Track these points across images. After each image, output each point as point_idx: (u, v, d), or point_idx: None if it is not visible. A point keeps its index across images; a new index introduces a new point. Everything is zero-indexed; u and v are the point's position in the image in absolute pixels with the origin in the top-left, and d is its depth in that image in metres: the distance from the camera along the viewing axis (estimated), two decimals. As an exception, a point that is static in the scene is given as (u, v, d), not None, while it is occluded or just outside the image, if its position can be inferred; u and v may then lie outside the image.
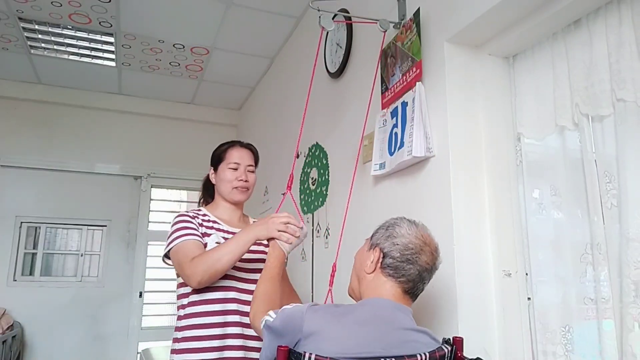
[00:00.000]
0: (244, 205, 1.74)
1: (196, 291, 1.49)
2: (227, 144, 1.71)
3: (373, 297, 1.13)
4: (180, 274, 1.48)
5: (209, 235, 1.54)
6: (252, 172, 1.68)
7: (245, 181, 1.63)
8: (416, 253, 1.12)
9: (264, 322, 1.11)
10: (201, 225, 1.55)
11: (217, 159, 1.68)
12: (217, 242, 1.50)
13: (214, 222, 1.61)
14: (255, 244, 1.42)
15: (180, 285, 1.55)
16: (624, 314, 1.18)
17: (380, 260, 1.14)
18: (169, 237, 1.51)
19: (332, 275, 1.65)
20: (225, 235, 1.56)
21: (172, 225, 1.54)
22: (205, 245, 1.50)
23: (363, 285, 1.18)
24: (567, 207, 1.39)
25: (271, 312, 1.12)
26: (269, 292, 1.23)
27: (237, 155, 1.65)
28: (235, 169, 1.63)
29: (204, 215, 1.61)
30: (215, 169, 1.67)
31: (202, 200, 1.76)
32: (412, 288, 1.13)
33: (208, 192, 1.73)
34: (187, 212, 1.60)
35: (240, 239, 1.38)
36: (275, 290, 1.24)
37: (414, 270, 1.12)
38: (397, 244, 1.13)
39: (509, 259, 1.51)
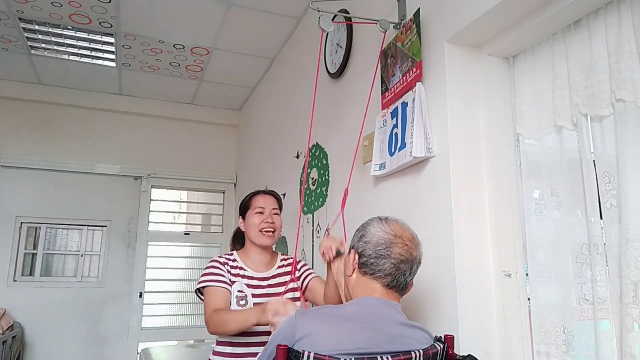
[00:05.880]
0: (272, 248, 1.86)
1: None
2: (251, 193, 1.85)
3: (361, 297, 1.17)
4: (204, 314, 1.65)
5: (232, 283, 1.70)
6: (277, 214, 1.80)
7: (272, 223, 1.75)
8: (387, 247, 1.15)
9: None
10: (229, 272, 1.71)
11: (244, 208, 1.82)
12: (238, 290, 1.68)
13: (241, 268, 1.75)
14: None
15: None
16: (623, 314, 1.18)
17: (357, 260, 1.19)
18: (202, 275, 1.70)
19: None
20: (249, 281, 1.72)
21: (206, 267, 1.72)
22: (230, 292, 1.68)
23: (349, 289, 1.22)
24: (566, 207, 1.39)
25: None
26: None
27: (261, 201, 1.79)
28: (261, 213, 1.76)
29: (234, 260, 1.76)
30: (244, 217, 1.80)
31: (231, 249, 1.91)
32: (393, 281, 1.16)
33: (237, 241, 1.87)
34: (220, 256, 1.77)
35: (246, 317, 1.49)
36: None
37: (388, 264, 1.15)
38: (369, 242, 1.18)
39: (509, 259, 1.51)
